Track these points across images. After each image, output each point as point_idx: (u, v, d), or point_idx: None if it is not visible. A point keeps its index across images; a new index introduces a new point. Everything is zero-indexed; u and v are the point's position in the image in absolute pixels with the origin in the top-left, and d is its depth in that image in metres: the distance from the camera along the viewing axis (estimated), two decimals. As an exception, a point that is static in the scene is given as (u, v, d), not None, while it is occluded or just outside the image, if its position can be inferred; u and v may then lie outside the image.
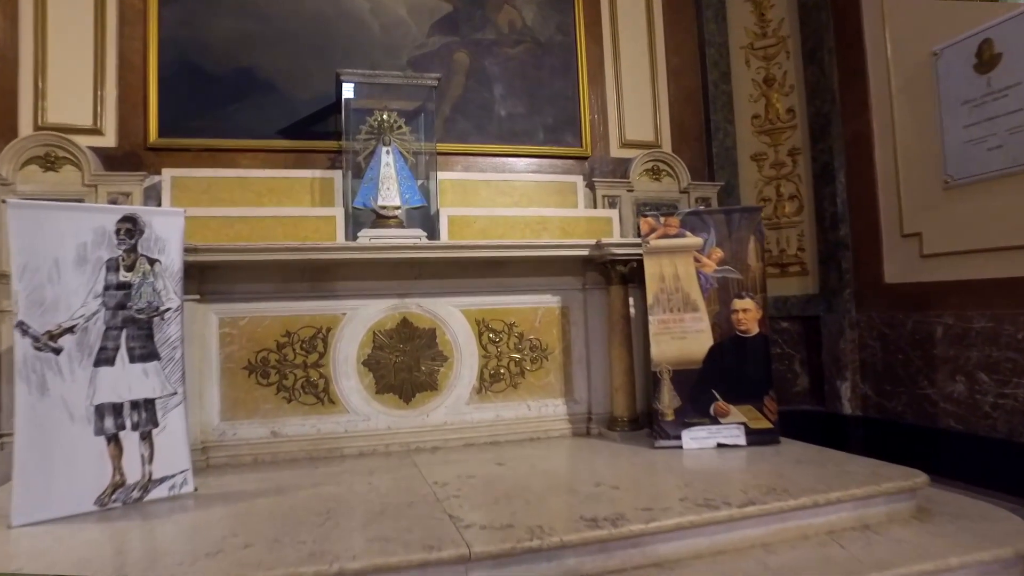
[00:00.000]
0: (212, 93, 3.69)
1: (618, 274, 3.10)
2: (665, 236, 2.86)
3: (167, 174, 3.46)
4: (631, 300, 3.17)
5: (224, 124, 3.70)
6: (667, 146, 4.47)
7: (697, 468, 2.43)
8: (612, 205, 4.19)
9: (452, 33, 4.04)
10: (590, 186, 4.10)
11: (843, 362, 3.95)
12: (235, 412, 2.82)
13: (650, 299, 2.84)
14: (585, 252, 3.06)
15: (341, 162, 3.70)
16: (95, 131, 3.51)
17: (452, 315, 3.10)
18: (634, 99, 4.40)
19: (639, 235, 2.94)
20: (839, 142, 4.15)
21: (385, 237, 3.30)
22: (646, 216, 2.89)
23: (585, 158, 4.25)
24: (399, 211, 3.44)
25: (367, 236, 3.29)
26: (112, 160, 3.49)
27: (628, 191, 4.22)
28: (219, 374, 2.82)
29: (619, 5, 4.42)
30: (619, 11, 4.42)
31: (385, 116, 3.58)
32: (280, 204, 3.58)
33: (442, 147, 3.86)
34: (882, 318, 3.77)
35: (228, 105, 3.72)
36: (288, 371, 2.91)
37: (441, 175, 3.73)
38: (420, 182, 3.72)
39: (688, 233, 2.86)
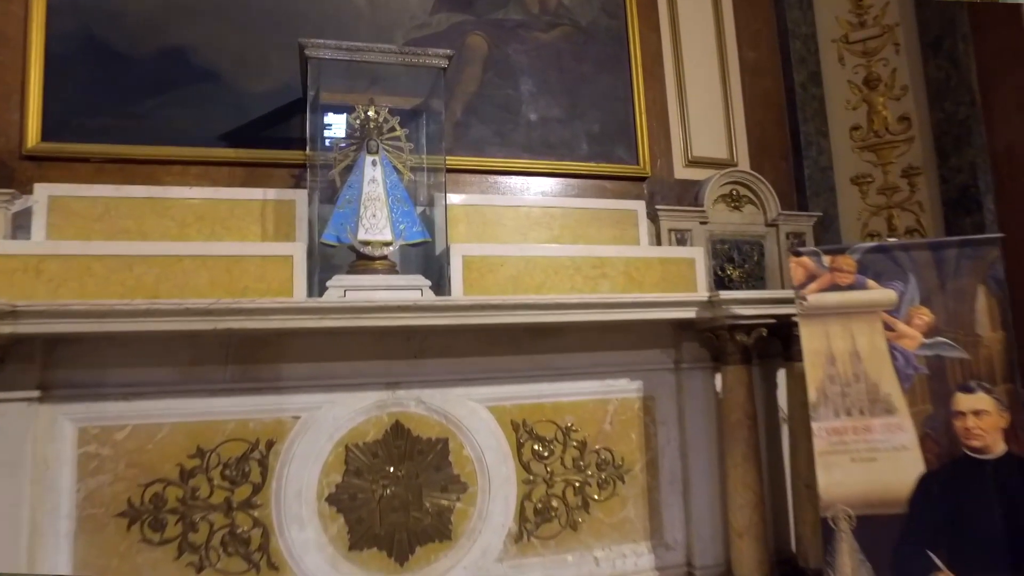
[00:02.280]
0: (126, 81, 2.56)
1: (738, 347, 1.94)
2: (833, 287, 1.71)
3: (42, 192, 2.29)
4: (756, 387, 1.99)
5: (142, 125, 2.56)
6: (744, 165, 3.38)
7: None
8: (681, 241, 3.07)
9: (464, 10, 2.97)
10: (652, 216, 2.98)
11: None
12: (96, 600, 1.59)
13: (812, 393, 1.69)
14: (691, 313, 1.91)
15: (306, 179, 2.55)
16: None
17: (474, 415, 1.92)
18: (701, 104, 3.33)
19: (789, 286, 1.79)
20: (983, 157, 3.07)
21: (367, 287, 2.15)
22: (799, 255, 1.75)
23: (643, 179, 3.14)
24: (390, 249, 2.29)
25: (340, 287, 2.14)
26: (-45, 172, 2.34)
27: (701, 223, 3.11)
28: (73, 528, 1.61)
29: (678, -16, 3.39)
30: (679, -9, 3.38)
31: (372, 112, 2.46)
32: (215, 237, 2.41)
33: (452, 161, 2.74)
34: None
35: (149, 98, 2.59)
36: (199, 517, 1.70)
37: (451, 198, 2.59)
38: (421, 208, 2.58)
39: (871, 282, 1.72)
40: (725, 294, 1.92)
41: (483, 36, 2.97)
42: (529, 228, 2.70)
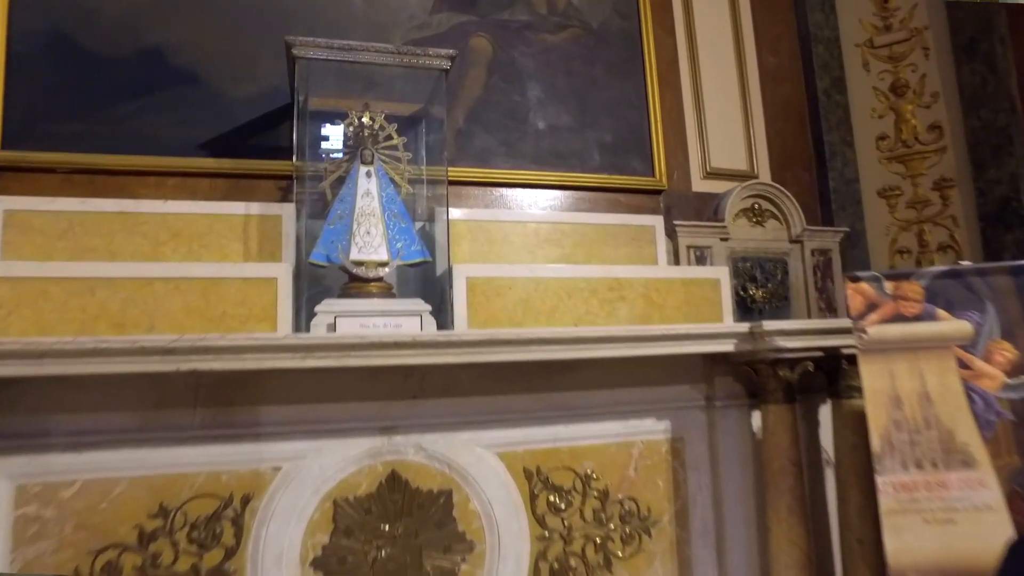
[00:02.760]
0: (98, 84, 2.33)
1: (780, 383, 1.71)
2: (897, 318, 1.48)
3: (-3, 206, 2.06)
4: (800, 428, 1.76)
5: (114, 132, 2.33)
6: (765, 177, 3.16)
7: None
8: (700, 259, 2.84)
9: (467, 10, 2.75)
10: (669, 232, 2.75)
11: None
12: None
13: (876, 442, 1.45)
14: (729, 346, 1.67)
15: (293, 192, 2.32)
16: None
17: (481, 463, 1.67)
18: (719, 112, 3.12)
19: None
20: (1024, 168, 2.86)
21: (360, 313, 1.91)
22: (857, 280, 1.52)
23: (659, 192, 2.91)
24: (386, 270, 2.06)
25: (329, 312, 1.90)
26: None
27: (722, 240, 2.88)
28: (10, 606, 1.36)
29: (693, -15, 3.18)
30: (694, -8, 3.17)
31: (366, 119, 2.23)
32: (192, 256, 2.17)
33: (454, 172, 2.51)
34: None
35: (122, 103, 2.35)
36: (161, 588, 1.45)
37: (453, 213, 2.36)
38: (420, 224, 2.35)
39: (942, 312, 1.49)
40: (768, 325, 1.68)
41: (487, 38, 2.75)
42: (538, 246, 2.47)
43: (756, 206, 3.00)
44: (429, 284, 2.29)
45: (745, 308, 2.82)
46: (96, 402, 1.44)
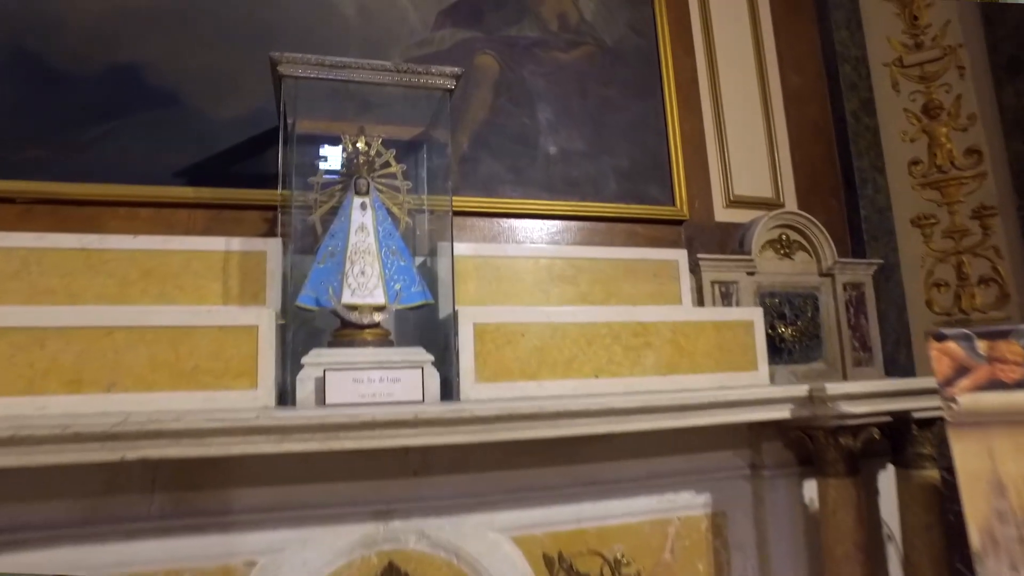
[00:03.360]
0: (64, 105, 2.10)
1: (841, 452, 1.46)
2: (995, 384, 1.24)
3: (-61, 244, 1.82)
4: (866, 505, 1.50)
5: (83, 158, 2.10)
6: (792, 205, 2.94)
7: None
8: (726, 296, 2.61)
9: (472, 26, 2.54)
10: (693, 267, 2.52)
11: None
12: None
13: (975, 537, 1.20)
14: (785, 412, 1.43)
15: (281, 225, 2.08)
16: None
17: (495, 551, 1.42)
18: (742, 135, 2.90)
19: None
20: (1075, 196, 2.64)
21: (353, 365, 1.67)
22: (942, 338, 1.28)
23: (680, 222, 2.68)
24: (383, 316, 1.82)
25: (317, 364, 1.66)
26: None
27: (748, 274, 2.66)
28: None
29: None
30: (711, 6, 2.97)
31: (361, 144, 2.00)
32: (165, 298, 1.92)
33: (458, 202, 2.28)
34: None
35: (92, 126, 2.13)
36: None
37: (458, 248, 2.12)
38: (421, 260, 2.12)
39: (1047, 379, 1.25)
40: (832, 388, 1.44)
41: (494, 56, 2.54)
42: (552, 283, 2.23)
43: (784, 237, 2.78)
44: (431, 327, 2.05)
45: (774, 348, 2.58)
46: (30, 489, 1.19)
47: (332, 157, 2.03)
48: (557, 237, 2.48)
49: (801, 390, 1.52)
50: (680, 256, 2.41)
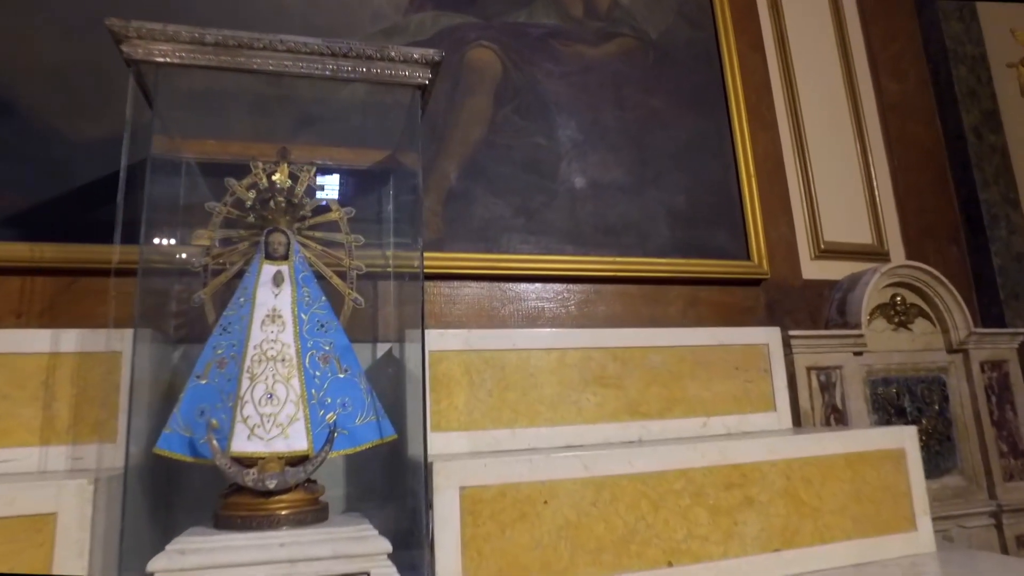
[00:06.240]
0: None
1: None
2: None
3: None
4: None
5: None
6: (898, 254, 2.16)
7: None
8: (826, 387, 1.83)
9: (462, 8, 1.79)
10: (785, 344, 1.72)
11: None
12: None
13: None
14: None
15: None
16: None
17: None
18: (828, 160, 2.14)
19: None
20: None
21: (238, 565, 0.87)
22: None
23: (757, 281, 1.90)
24: (300, 476, 1.03)
25: (177, 573, 0.85)
26: None
27: (855, 354, 1.86)
28: None
29: (783, -15, 2.24)
30: (785, -5, 2.23)
31: (279, 176, 1.23)
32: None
33: (439, 261, 1.50)
34: None
35: None
36: None
37: (443, 338, 1.33)
38: (385, 349, 1.34)
39: None
40: None
41: (495, 50, 1.78)
42: (585, 388, 1.43)
43: (898, 300, 1.99)
44: (396, 472, 1.26)
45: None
46: None
47: (233, 198, 1.26)
48: (587, 310, 1.69)
49: None
50: (771, 337, 1.62)
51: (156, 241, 1.28)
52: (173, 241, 1.31)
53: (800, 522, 1.25)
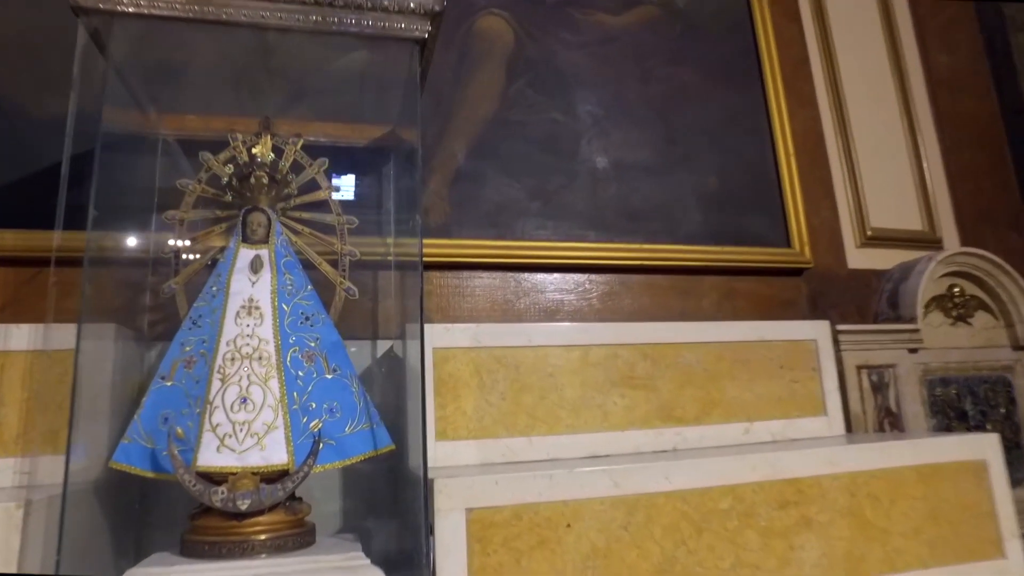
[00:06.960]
0: None
1: None
2: None
3: None
4: None
5: None
6: (952, 241, 1.96)
7: None
8: (878, 388, 1.64)
9: (471, -27, 1.62)
10: (833, 341, 1.53)
11: None
12: None
13: None
14: None
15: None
16: None
17: None
18: (873, 139, 1.94)
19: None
20: None
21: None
22: None
23: (799, 271, 1.71)
24: (280, 494, 0.86)
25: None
26: None
27: (910, 351, 1.67)
28: None
29: (820, -49, 2.04)
30: (823, -40, 2.03)
31: (260, 149, 1.07)
32: None
33: (444, 248, 1.34)
34: None
35: None
36: None
37: (449, 333, 1.16)
38: (386, 347, 1.17)
39: None
40: None
41: (505, 18, 1.61)
42: (611, 390, 1.25)
43: (956, 291, 1.79)
44: (403, 478, 1.09)
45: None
46: None
47: (206, 175, 1.10)
48: (612, 303, 1.52)
49: None
50: (820, 332, 1.44)
51: (122, 227, 1.13)
52: (141, 227, 1.16)
53: (867, 546, 1.07)
